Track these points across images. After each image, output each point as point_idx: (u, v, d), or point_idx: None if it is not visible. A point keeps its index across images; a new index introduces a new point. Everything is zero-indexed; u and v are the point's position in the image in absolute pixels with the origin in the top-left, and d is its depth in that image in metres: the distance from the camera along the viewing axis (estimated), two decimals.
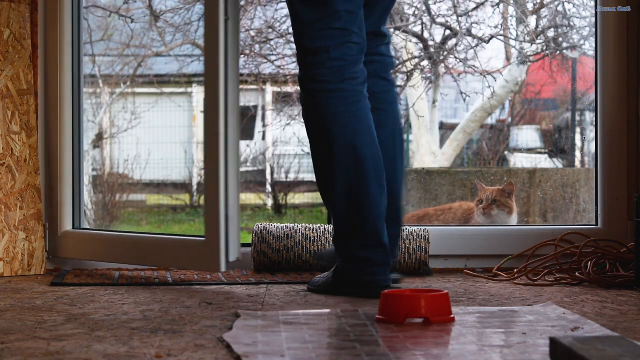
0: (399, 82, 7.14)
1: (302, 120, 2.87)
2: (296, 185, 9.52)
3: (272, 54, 7.11)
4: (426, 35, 6.78)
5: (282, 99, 7.62)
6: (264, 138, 11.23)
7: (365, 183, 2.73)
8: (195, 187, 10.07)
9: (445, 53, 6.77)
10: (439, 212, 4.71)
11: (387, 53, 2.98)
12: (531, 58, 6.96)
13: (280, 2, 6.77)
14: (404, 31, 6.73)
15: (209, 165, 2.92)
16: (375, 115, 2.84)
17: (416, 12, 6.75)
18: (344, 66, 2.77)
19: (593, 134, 3.67)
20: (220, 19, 2.89)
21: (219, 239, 2.91)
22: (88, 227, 3.50)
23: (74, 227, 3.44)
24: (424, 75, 6.98)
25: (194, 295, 2.80)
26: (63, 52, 3.42)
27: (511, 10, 6.80)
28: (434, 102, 7.23)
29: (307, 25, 2.77)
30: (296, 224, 3.42)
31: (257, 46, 7.07)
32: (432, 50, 6.76)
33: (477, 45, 6.71)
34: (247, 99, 11.26)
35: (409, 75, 6.88)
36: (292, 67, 7.01)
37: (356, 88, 2.78)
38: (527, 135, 8.33)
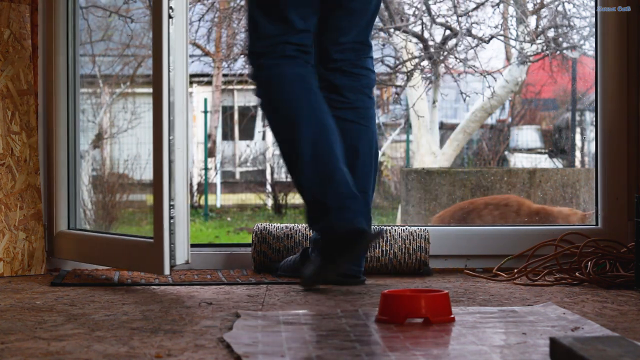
0: (399, 82, 7.15)
1: None
2: None
3: None
4: (426, 35, 6.79)
5: None
6: (263, 138, 11.23)
7: (325, 134, 2.87)
8: (195, 187, 10.07)
9: (445, 53, 6.77)
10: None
11: (371, 67, 3.11)
12: (531, 58, 6.96)
13: None
14: (404, 31, 6.73)
15: (155, 166, 2.89)
16: (355, 129, 3.00)
17: (416, 12, 6.76)
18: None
19: (593, 134, 3.67)
20: (163, 18, 2.84)
21: (163, 242, 2.86)
22: (80, 228, 3.48)
23: (69, 228, 3.44)
24: (424, 75, 6.98)
25: (194, 294, 2.80)
26: (57, 53, 3.42)
27: (511, 10, 6.80)
28: (434, 102, 7.23)
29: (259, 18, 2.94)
30: (296, 224, 3.42)
31: None
32: (432, 50, 6.76)
33: (477, 45, 6.71)
34: (247, 99, 11.26)
35: (409, 75, 6.88)
36: None
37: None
38: (527, 135, 8.34)
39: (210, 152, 10.61)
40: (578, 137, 7.68)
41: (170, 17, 2.84)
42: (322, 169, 2.87)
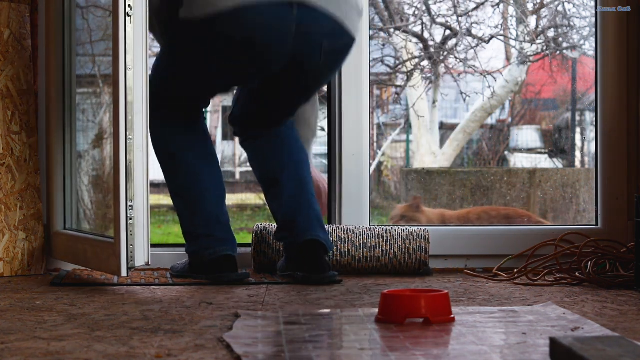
0: (399, 82, 7.15)
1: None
2: None
3: None
4: (426, 35, 6.78)
5: None
6: None
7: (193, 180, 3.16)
8: None
9: (445, 53, 6.77)
10: None
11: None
12: (531, 58, 6.96)
13: None
14: (404, 31, 6.73)
15: (113, 166, 2.87)
16: (266, 148, 3.25)
17: (416, 12, 6.76)
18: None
19: (593, 134, 3.67)
20: (120, 16, 2.83)
21: (120, 243, 2.84)
22: (74, 228, 3.47)
23: (64, 228, 3.43)
24: (424, 75, 6.98)
25: (194, 295, 2.80)
26: (57, 53, 3.41)
27: (511, 10, 6.80)
28: (434, 102, 7.23)
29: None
30: None
31: None
32: (432, 50, 6.77)
33: (477, 45, 6.71)
34: None
35: (409, 75, 6.88)
36: None
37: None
38: (527, 135, 8.33)
39: None
40: (578, 137, 7.67)
41: (128, 15, 2.83)
42: (192, 204, 3.16)
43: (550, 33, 6.77)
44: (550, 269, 3.23)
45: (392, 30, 6.72)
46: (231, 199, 10.53)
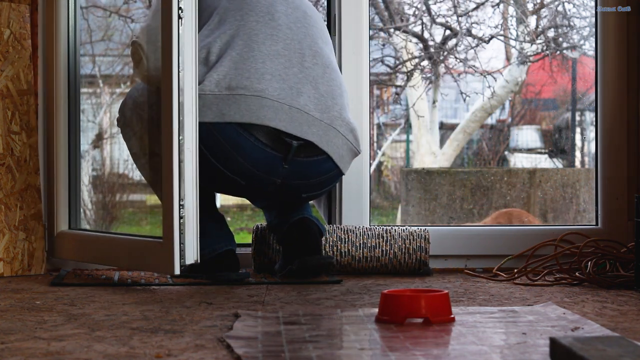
0: (399, 82, 7.15)
1: None
2: None
3: None
4: (426, 35, 6.79)
5: None
6: None
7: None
8: None
9: (445, 53, 6.77)
10: None
11: None
12: (531, 58, 6.97)
13: None
14: (404, 31, 6.73)
15: (165, 167, 2.88)
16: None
17: (416, 12, 6.76)
18: None
19: (593, 134, 3.67)
20: (173, 18, 2.83)
21: (173, 242, 2.86)
22: (83, 228, 3.48)
23: (70, 228, 3.43)
24: (424, 75, 6.99)
25: (194, 295, 2.80)
26: (57, 53, 3.42)
27: (511, 10, 6.81)
28: (434, 102, 7.24)
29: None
30: None
31: None
32: (432, 50, 6.77)
33: (477, 45, 6.72)
34: None
35: (409, 75, 6.89)
36: None
37: None
38: (527, 135, 8.34)
39: None
40: (578, 137, 7.68)
41: (180, 17, 2.85)
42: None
43: (550, 33, 6.77)
44: (550, 269, 3.23)
45: (392, 30, 6.72)
46: (231, 199, 10.53)
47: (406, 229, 3.36)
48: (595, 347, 1.67)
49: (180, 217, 2.86)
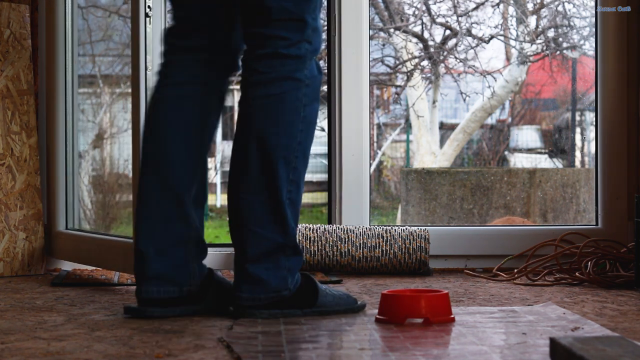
0: (399, 82, 7.15)
1: None
2: None
3: None
4: (426, 35, 6.78)
5: None
6: None
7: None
8: None
9: (445, 53, 6.77)
10: None
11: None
12: (531, 58, 6.96)
13: None
14: (404, 31, 6.73)
15: (134, 169, 2.87)
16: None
17: (416, 12, 6.76)
18: None
19: (593, 134, 3.67)
20: (140, 17, 2.84)
21: None
22: (78, 228, 3.47)
23: (66, 228, 3.43)
24: (424, 75, 6.98)
25: None
26: (57, 53, 3.41)
27: (511, 10, 6.80)
28: (434, 102, 7.23)
29: None
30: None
31: None
32: (432, 50, 6.77)
33: (477, 45, 6.71)
34: None
35: (409, 75, 6.88)
36: None
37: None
38: (527, 135, 8.33)
39: (210, 152, 10.61)
40: (578, 137, 7.67)
41: (147, 15, 2.84)
42: None
43: (550, 33, 6.77)
44: (550, 269, 3.23)
45: (392, 30, 6.72)
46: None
47: (406, 229, 3.36)
48: (595, 347, 1.67)
49: None
